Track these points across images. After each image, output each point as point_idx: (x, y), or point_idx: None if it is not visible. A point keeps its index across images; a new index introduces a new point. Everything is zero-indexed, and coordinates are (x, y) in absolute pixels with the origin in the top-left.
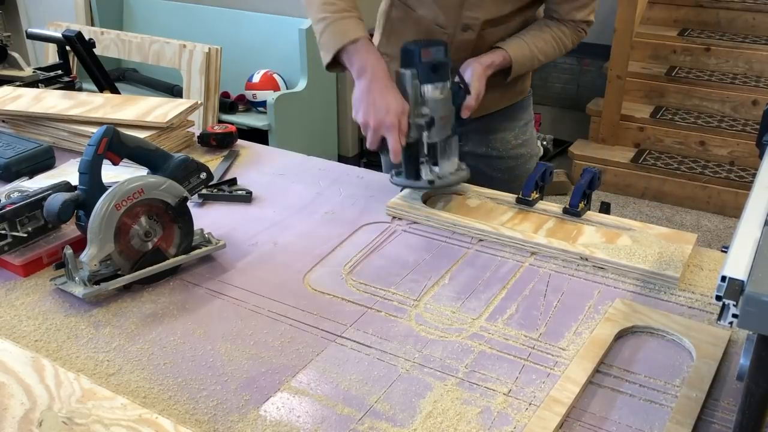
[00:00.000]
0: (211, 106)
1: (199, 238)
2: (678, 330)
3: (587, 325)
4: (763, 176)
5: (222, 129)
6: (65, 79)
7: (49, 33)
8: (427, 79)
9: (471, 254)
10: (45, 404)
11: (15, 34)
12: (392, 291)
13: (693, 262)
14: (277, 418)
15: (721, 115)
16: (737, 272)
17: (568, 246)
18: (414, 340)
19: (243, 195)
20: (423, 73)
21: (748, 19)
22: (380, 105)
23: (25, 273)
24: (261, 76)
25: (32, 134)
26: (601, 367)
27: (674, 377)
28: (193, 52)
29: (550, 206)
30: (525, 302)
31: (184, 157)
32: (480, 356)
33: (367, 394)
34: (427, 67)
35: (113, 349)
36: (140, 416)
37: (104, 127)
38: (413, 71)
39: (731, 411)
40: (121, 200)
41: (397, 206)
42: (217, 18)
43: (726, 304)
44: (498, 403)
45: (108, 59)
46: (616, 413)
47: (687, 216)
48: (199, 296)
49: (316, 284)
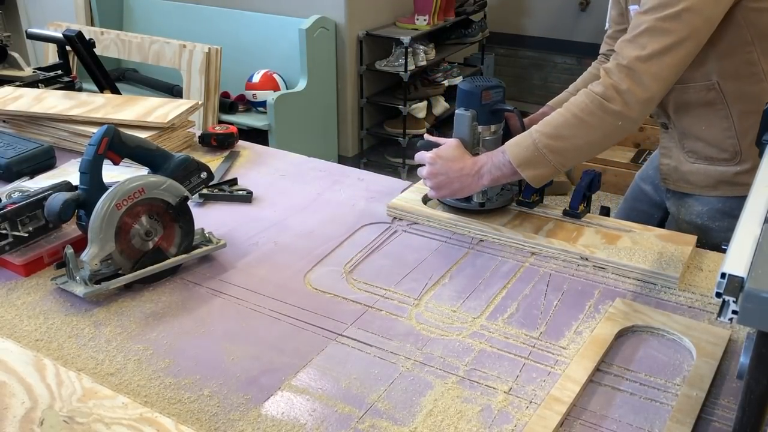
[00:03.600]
0: (211, 106)
1: (200, 238)
2: (678, 329)
3: (587, 325)
4: (763, 175)
5: (223, 130)
6: (65, 79)
7: (49, 33)
8: (485, 121)
9: (471, 254)
10: (46, 403)
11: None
12: (393, 290)
13: (693, 263)
14: (277, 417)
15: None
16: (737, 269)
17: (569, 246)
18: (414, 339)
19: (243, 195)
20: (482, 114)
21: None
22: None
23: (26, 272)
24: (261, 76)
25: (33, 134)
26: (601, 365)
27: (674, 376)
28: (193, 52)
29: (550, 208)
30: (525, 301)
31: (184, 156)
32: (480, 355)
33: (368, 392)
34: (487, 108)
35: (114, 348)
36: (141, 415)
37: (105, 126)
38: (473, 113)
39: (731, 409)
40: (122, 200)
41: (398, 207)
42: (217, 18)
43: (726, 300)
44: (498, 402)
45: (108, 59)
46: (616, 412)
47: None
48: (199, 295)
49: (316, 283)
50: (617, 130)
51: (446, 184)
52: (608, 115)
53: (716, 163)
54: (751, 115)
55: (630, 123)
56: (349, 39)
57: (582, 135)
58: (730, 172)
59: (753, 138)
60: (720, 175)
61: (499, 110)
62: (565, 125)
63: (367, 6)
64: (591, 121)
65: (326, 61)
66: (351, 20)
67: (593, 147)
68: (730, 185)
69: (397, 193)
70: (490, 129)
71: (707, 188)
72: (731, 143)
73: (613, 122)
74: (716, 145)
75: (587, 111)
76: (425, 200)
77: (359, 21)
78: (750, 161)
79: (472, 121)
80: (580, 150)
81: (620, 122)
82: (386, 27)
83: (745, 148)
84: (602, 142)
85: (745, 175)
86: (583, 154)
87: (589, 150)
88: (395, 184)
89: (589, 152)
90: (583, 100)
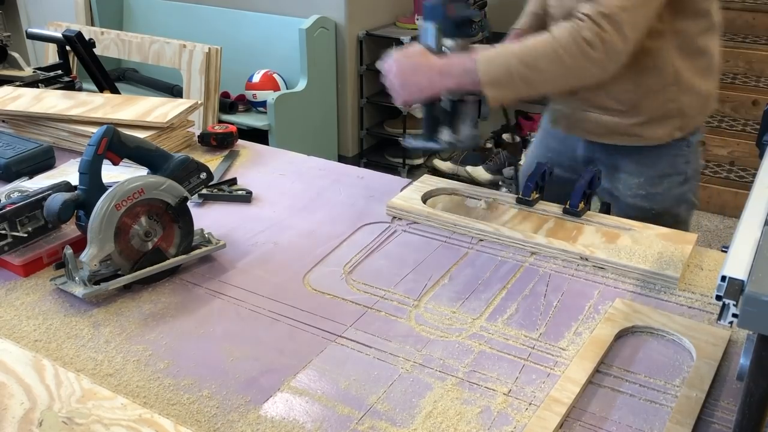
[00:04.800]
0: (211, 106)
1: (199, 238)
2: (678, 330)
3: (587, 325)
4: (763, 176)
5: (222, 129)
6: (65, 79)
7: (49, 33)
8: (450, 34)
9: (471, 254)
10: (45, 404)
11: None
12: (392, 291)
13: (693, 262)
14: (277, 418)
15: (721, 115)
16: (737, 272)
17: (568, 246)
18: (414, 340)
19: (243, 195)
20: (447, 27)
21: (748, 19)
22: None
23: (25, 273)
24: (261, 76)
25: (32, 134)
26: (601, 367)
27: (674, 377)
28: (193, 52)
29: (550, 206)
30: (525, 302)
31: (184, 157)
32: (480, 356)
33: (367, 393)
34: (451, 22)
35: (113, 348)
36: (140, 416)
37: (104, 127)
38: (437, 25)
39: (731, 411)
40: (121, 200)
41: (397, 206)
42: (217, 18)
43: (726, 303)
44: (498, 403)
45: (108, 59)
46: (616, 413)
47: None
48: (199, 296)
49: (316, 284)
50: (589, 76)
51: (413, 80)
52: (588, 61)
53: (611, 113)
54: (652, 71)
55: (603, 72)
56: (349, 39)
57: (557, 71)
58: (624, 123)
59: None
60: (615, 126)
61: (466, 21)
62: (544, 57)
63: (367, 6)
64: (570, 62)
65: (326, 61)
66: (351, 20)
67: (561, 86)
68: (621, 135)
69: (397, 191)
70: (457, 42)
71: (600, 136)
72: (629, 97)
73: (590, 68)
74: (613, 98)
75: (570, 52)
76: (425, 199)
77: (359, 21)
78: (644, 114)
79: (436, 33)
80: (548, 84)
81: (595, 70)
82: (386, 27)
83: (643, 102)
84: (571, 83)
85: (639, 127)
86: (548, 88)
87: (554, 87)
88: (395, 181)
89: (554, 89)
90: (568, 41)
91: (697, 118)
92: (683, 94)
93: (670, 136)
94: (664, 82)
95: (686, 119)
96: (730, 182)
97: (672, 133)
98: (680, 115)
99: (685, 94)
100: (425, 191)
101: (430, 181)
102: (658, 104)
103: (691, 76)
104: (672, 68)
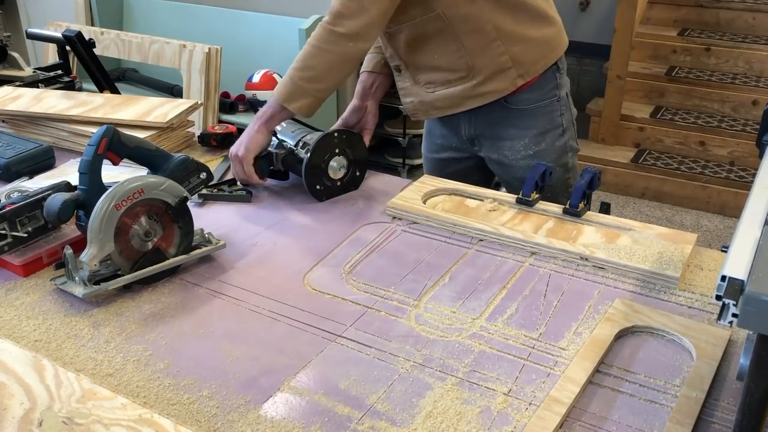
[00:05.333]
0: (211, 106)
1: (199, 238)
2: (678, 330)
3: (587, 325)
4: (763, 176)
5: (222, 129)
6: (65, 79)
7: (49, 33)
8: None
9: (471, 254)
10: (45, 404)
11: (15, 34)
12: (392, 291)
13: (693, 262)
14: (277, 418)
15: (721, 115)
16: (737, 272)
17: (568, 246)
18: (414, 340)
19: (243, 195)
20: None
21: (748, 19)
22: None
23: (25, 273)
24: (261, 76)
25: (32, 134)
26: (601, 367)
27: (674, 377)
28: (193, 52)
29: (550, 206)
30: (525, 302)
31: (184, 157)
32: (480, 356)
33: (367, 393)
34: None
35: (113, 348)
36: (140, 416)
37: (104, 127)
38: None
39: (731, 411)
40: (121, 200)
41: (397, 206)
42: (217, 18)
43: (726, 303)
44: (498, 403)
45: (108, 59)
46: (616, 413)
47: (687, 216)
48: (199, 296)
49: (316, 284)
50: (352, 50)
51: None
52: (338, 38)
53: (454, 83)
54: (474, 33)
55: (361, 41)
56: None
57: (325, 61)
58: (468, 87)
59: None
60: (462, 93)
61: None
62: (309, 56)
63: None
64: (327, 47)
65: None
66: None
67: (339, 70)
68: (471, 99)
69: (397, 191)
70: None
71: (455, 107)
72: (463, 62)
73: (344, 44)
74: (449, 69)
75: (322, 39)
76: (425, 200)
77: None
78: (483, 72)
79: None
80: (327, 75)
81: (351, 42)
82: None
83: (476, 63)
84: (344, 65)
85: (483, 85)
86: (334, 77)
87: (337, 73)
88: (395, 181)
89: (339, 75)
90: (318, 31)
91: (539, 63)
92: (512, 45)
93: (513, 84)
94: (487, 39)
95: (525, 66)
96: (730, 182)
97: (514, 81)
98: (516, 65)
99: (514, 45)
100: (425, 191)
101: (430, 181)
102: (489, 60)
103: (517, 29)
104: (491, 25)
